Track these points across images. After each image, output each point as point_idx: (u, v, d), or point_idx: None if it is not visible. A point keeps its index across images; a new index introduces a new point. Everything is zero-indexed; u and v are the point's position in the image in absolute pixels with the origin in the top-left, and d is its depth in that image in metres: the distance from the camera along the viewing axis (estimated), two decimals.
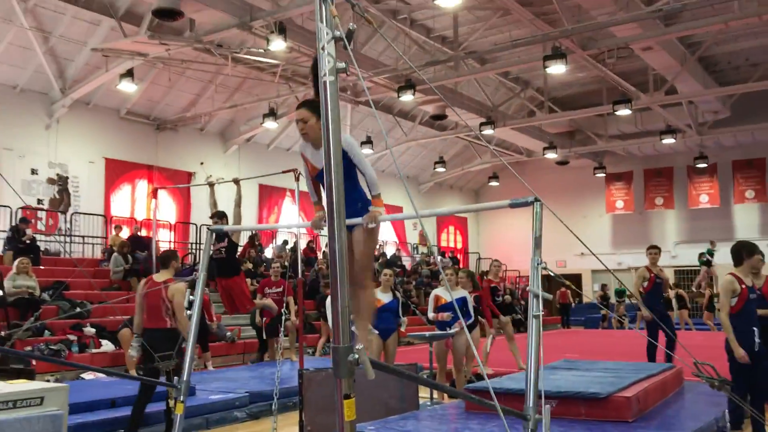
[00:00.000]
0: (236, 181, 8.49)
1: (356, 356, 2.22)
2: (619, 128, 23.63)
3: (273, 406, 6.08)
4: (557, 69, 14.84)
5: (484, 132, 20.03)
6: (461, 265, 25.51)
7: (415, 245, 25.73)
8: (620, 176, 26.71)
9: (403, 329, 8.10)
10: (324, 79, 2.22)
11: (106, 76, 15.07)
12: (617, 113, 18.75)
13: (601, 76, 18.17)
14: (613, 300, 23.38)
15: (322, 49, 2.22)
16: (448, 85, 18.15)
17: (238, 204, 8.50)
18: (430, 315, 7.90)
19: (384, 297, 7.73)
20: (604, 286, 23.42)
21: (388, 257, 21.40)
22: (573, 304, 24.12)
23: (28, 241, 13.05)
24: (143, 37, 13.29)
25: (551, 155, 23.12)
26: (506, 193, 27.89)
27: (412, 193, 26.77)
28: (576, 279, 27.66)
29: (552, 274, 3.49)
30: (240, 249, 16.44)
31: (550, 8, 14.82)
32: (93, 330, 11.12)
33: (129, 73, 14.73)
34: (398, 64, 16.79)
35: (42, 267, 12.86)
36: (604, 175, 26.18)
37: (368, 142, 20.61)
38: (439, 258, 23.63)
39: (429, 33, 17.87)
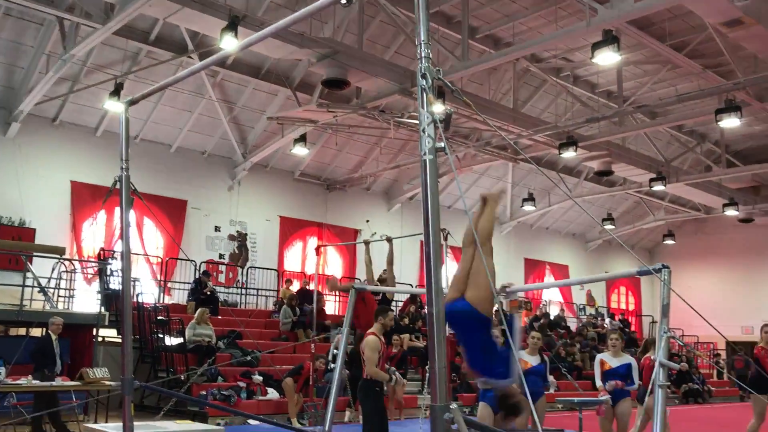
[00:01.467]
0: (389, 240, 8.83)
1: (451, 415, 2.34)
2: None
3: None
4: (731, 123, 14.08)
5: (655, 188, 19.21)
6: (633, 329, 24.25)
7: (581, 306, 24.84)
8: None
9: (551, 391, 7.89)
10: (425, 158, 2.42)
11: (282, 142, 16.36)
12: None
13: None
14: None
15: (423, 131, 2.42)
16: (614, 141, 17.67)
17: (389, 262, 8.82)
18: (598, 383, 7.66)
19: (531, 359, 7.62)
20: None
21: (552, 318, 20.83)
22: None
23: (208, 293, 14.27)
24: (314, 106, 14.35)
25: (732, 212, 21.53)
26: (683, 253, 26.40)
27: (579, 251, 26.01)
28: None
29: (680, 343, 3.36)
30: (401, 305, 16.90)
31: (722, 59, 14.13)
32: (260, 378, 11.87)
33: (302, 138, 15.89)
34: (560, 120, 16.70)
35: (220, 317, 13.97)
36: None
37: (530, 198, 20.46)
38: (608, 320, 22.65)
39: (594, 88, 17.65)
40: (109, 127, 14.92)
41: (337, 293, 18.17)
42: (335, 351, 7.65)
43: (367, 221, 19.56)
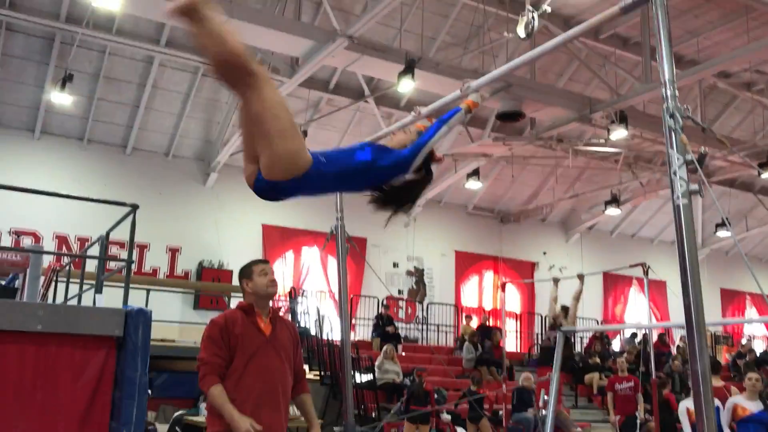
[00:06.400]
0: (580, 277, 8.54)
1: None
2: None
3: None
4: None
5: None
6: None
7: None
8: None
9: None
10: (678, 202, 2.27)
11: (455, 177, 16.43)
12: None
13: None
14: None
15: (674, 173, 2.28)
16: None
17: (576, 297, 8.52)
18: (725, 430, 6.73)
19: (751, 405, 6.77)
20: None
21: (758, 354, 18.94)
22: None
23: (392, 330, 14.52)
24: (488, 140, 14.31)
25: None
26: None
27: None
28: None
29: None
30: (586, 341, 16.23)
31: None
32: (449, 417, 11.78)
33: (475, 172, 15.87)
34: (757, 138, 15.43)
35: (403, 353, 14.12)
36: None
37: (723, 224, 18.94)
38: None
39: None
40: None
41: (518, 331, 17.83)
42: (545, 397, 7.43)
43: (544, 253, 19.16)
